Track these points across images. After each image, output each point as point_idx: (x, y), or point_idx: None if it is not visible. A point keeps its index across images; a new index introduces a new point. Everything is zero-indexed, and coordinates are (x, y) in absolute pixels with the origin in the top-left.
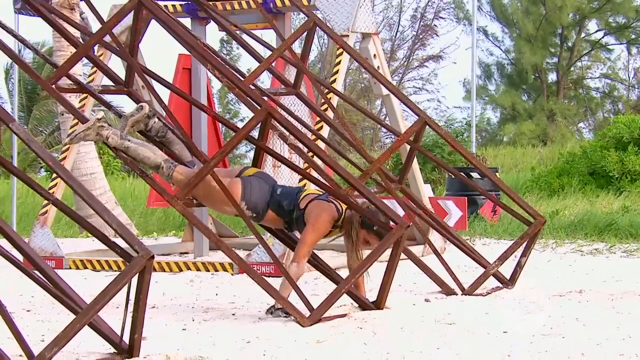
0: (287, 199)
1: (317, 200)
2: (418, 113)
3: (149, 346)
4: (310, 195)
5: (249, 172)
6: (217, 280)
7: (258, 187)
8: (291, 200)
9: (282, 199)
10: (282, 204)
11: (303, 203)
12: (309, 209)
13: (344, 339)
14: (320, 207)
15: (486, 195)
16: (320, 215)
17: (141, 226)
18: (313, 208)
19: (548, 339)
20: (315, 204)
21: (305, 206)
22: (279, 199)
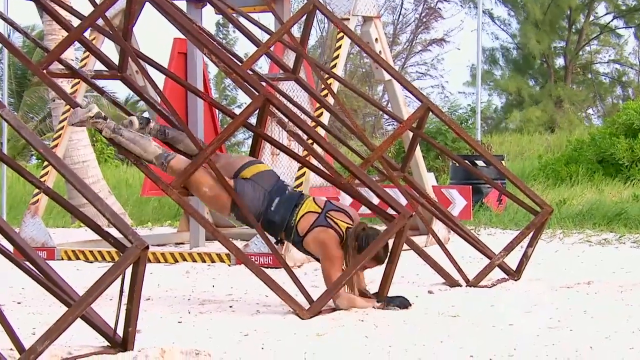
0: (281, 214)
1: (317, 229)
2: (421, 99)
3: (144, 339)
4: (310, 216)
5: (248, 174)
6: (214, 271)
7: (251, 196)
8: (285, 216)
9: (275, 215)
10: (274, 220)
11: (302, 226)
12: (308, 241)
13: (344, 332)
14: (320, 240)
15: (491, 184)
16: (327, 248)
17: (135, 216)
18: (313, 244)
19: (555, 332)
20: (314, 236)
21: (305, 234)
22: (272, 217)
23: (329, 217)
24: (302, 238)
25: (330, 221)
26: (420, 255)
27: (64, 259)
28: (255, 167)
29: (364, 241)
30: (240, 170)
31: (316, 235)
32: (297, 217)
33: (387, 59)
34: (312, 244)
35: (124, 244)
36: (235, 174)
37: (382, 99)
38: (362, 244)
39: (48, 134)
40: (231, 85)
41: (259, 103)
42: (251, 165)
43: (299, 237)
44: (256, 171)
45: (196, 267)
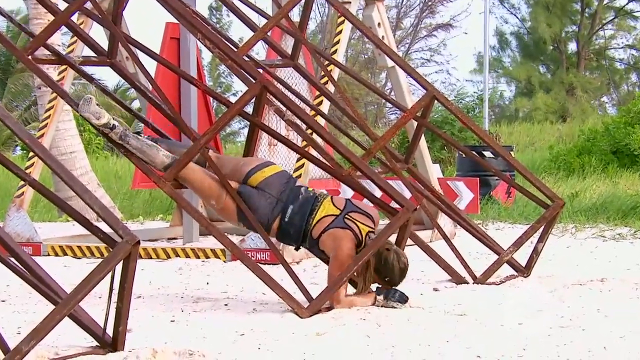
0: (296, 225)
1: (332, 230)
2: (426, 86)
3: (135, 339)
4: (326, 220)
5: (254, 181)
6: (209, 267)
7: (259, 205)
8: (300, 226)
9: (290, 227)
10: (289, 232)
11: (317, 231)
12: (323, 240)
13: (345, 331)
14: (337, 236)
15: (500, 176)
16: (340, 247)
17: (126, 209)
18: (328, 240)
19: (567, 331)
20: (329, 235)
21: (319, 236)
22: (286, 229)
23: (348, 218)
24: (316, 240)
25: (350, 222)
26: (425, 250)
27: (50, 254)
28: (262, 173)
29: (381, 262)
30: (248, 176)
31: (332, 232)
32: (313, 222)
33: (390, 45)
34: (327, 241)
35: (113, 239)
36: (243, 179)
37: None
38: (379, 265)
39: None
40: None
41: (256, 91)
42: (258, 171)
43: (313, 241)
44: (262, 178)
45: (190, 264)
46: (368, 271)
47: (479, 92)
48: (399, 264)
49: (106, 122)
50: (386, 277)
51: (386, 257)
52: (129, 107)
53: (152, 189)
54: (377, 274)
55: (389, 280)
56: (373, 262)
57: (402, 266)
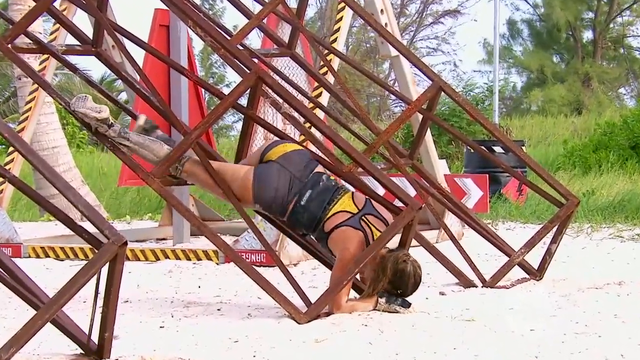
0: (312, 212)
1: (344, 228)
2: (432, 77)
3: (122, 346)
4: (342, 216)
5: (273, 155)
6: (200, 270)
7: (274, 181)
8: (315, 214)
9: (304, 212)
10: (302, 218)
11: (330, 224)
12: (333, 238)
13: (346, 338)
14: (347, 236)
15: (510, 173)
16: (347, 249)
17: (112, 208)
18: (338, 238)
19: (582, 338)
20: (340, 233)
21: (331, 230)
22: (300, 213)
23: (364, 220)
24: (327, 235)
25: (364, 224)
26: (430, 252)
27: (31, 256)
28: (282, 147)
29: (397, 274)
30: (266, 151)
31: (342, 232)
32: (328, 213)
33: (394, 33)
34: (336, 238)
35: (99, 240)
36: (260, 158)
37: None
38: (395, 276)
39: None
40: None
41: (251, 82)
42: (277, 145)
43: (324, 234)
44: (282, 152)
45: (180, 266)
46: (381, 281)
47: (489, 84)
48: (414, 277)
49: (107, 117)
50: (399, 289)
51: (403, 270)
52: (116, 99)
53: (139, 187)
54: (390, 285)
55: (401, 292)
56: (389, 275)
57: (417, 280)
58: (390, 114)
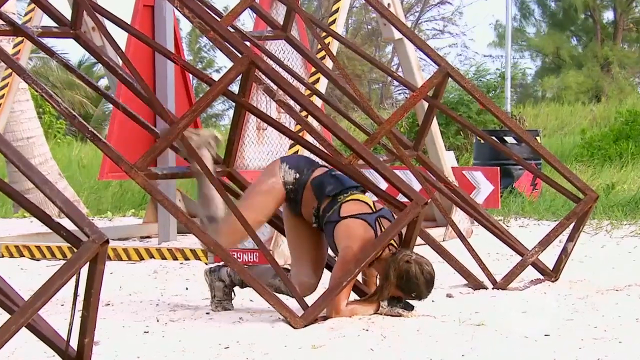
0: (335, 185)
1: (355, 220)
2: (438, 62)
3: (103, 353)
4: (357, 205)
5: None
6: (188, 270)
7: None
8: (337, 189)
9: (331, 181)
10: (326, 185)
11: (345, 210)
12: (341, 228)
13: (345, 344)
14: (356, 230)
15: (524, 165)
16: (351, 247)
17: (92, 203)
18: (346, 231)
19: (601, 344)
20: (349, 225)
21: (345, 217)
22: (326, 180)
23: (379, 222)
24: (339, 219)
25: (378, 226)
26: (437, 251)
27: (4, 255)
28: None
29: (403, 278)
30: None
31: (354, 225)
32: (349, 195)
33: (398, 14)
34: (342, 232)
35: (78, 238)
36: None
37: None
38: (402, 281)
39: None
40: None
41: (242, 67)
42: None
43: (337, 217)
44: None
45: (166, 266)
46: (386, 288)
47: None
48: (423, 276)
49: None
50: (412, 293)
51: (407, 271)
52: (96, 85)
53: (122, 180)
54: (402, 291)
55: (415, 295)
56: (394, 280)
57: (427, 277)
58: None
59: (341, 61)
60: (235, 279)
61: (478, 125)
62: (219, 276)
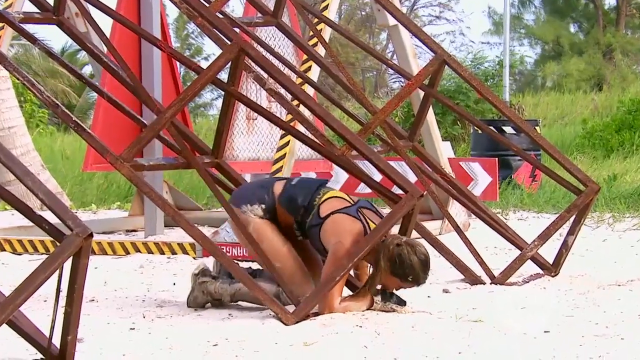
0: (304, 189)
1: (339, 215)
2: (434, 49)
3: (87, 351)
4: (335, 201)
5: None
6: (175, 265)
7: (260, 179)
8: (309, 192)
9: (296, 191)
10: (295, 196)
11: (325, 209)
12: (327, 226)
13: (338, 341)
14: (343, 226)
15: (523, 156)
16: (342, 242)
17: (76, 196)
18: (333, 228)
19: (602, 341)
20: (335, 221)
21: (327, 216)
22: (292, 192)
23: (360, 212)
24: (322, 220)
25: (362, 216)
26: (433, 245)
27: None
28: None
29: (396, 262)
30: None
31: (339, 218)
32: (323, 196)
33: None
34: (329, 229)
35: (61, 231)
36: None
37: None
38: (395, 266)
39: None
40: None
41: (232, 54)
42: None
43: (318, 219)
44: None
45: (153, 260)
46: (376, 276)
47: (500, 57)
48: (417, 257)
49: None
50: (409, 277)
51: (400, 254)
52: (80, 73)
53: (107, 172)
54: (397, 277)
55: (412, 279)
56: (387, 266)
57: (422, 258)
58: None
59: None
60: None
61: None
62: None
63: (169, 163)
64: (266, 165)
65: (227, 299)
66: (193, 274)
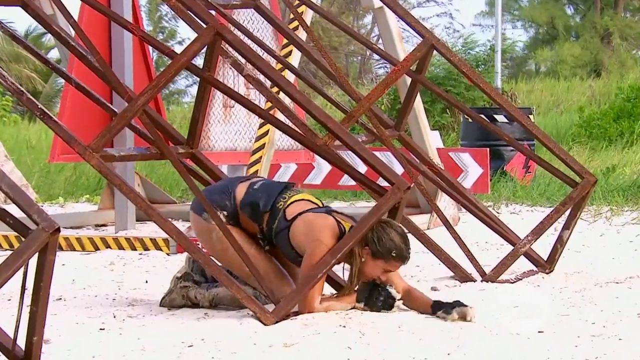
0: (267, 193)
1: (309, 214)
2: (422, 33)
3: (54, 352)
4: (302, 204)
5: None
6: (148, 262)
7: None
8: (272, 196)
9: (259, 195)
10: (257, 201)
11: (291, 212)
12: (297, 227)
13: (320, 342)
14: (315, 225)
15: (515, 146)
16: (319, 240)
17: (42, 188)
18: (304, 228)
19: (599, 341)
20: (306, 221)
21: (294, 218)
22: (254, 197)
23: (330, 213)
24: (289, 223)
25: (333, 216)
26: (421, 240)
27: None
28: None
29: (375, 243)
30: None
31: (310, 218)
32: (288, 199)
33: None
34: (301, 228)
35: (26, 226)
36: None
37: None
38: (375, 247)
39: None
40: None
41: (207, 38)
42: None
43: (285, 222)
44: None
45: (124, 257)
46: (356, 266)
47: (492, 41)
48: (394, 230)
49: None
50: (392, 252)
51: (377, 234)
52: (46, 57)
53: (75, 163)
54: (381, 258)
55: (396, 254)
56: (366, 252)
57: (399, 230)
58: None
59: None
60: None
61: (466, 102)
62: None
63: (141, 153)
64: (244, 156)
65: (206, 304)
66: (175, 277)
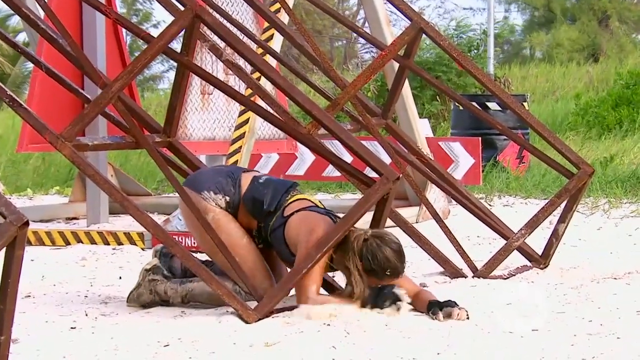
0: (271, 194)
1: (306, 211)
2: (411, 16)
3: (22, 352)
4: (302, 202)
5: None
6: (121, 257)
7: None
8: (278, 192)
9: (264, 192)
10: (261, 199)
11: (292, 207)
12: (293, 222)
13: (303, 341)
14: (311, 220)
15: (509, 135)
16: (314, 232)
17: (9, 180)
18: (300, 223)
19: (596, 340)
20: (302, 217)
21: (291, 215)
22: (258, 193)
23: (329, 215)
24: (285, 219)
25: (331, 217)
26: (409, 234)
27: None
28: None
29: (369, 260)
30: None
31: (306, 215)
32: (291, 198)
33: None
34: (296, 225)
35: None
36: None
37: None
38: (368, 264)
39: None
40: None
41: (185, 22)
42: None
43: (282, 219)
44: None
45: (96, 252)
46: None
47: (484, 25)
48: (389, 247)
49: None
50: (386, 271)
51: (369, 249)
52: (14, 41)
53: (45, 152)
54: (374, 276)
55: (391, 272)
56: (359, 265)
57: (394, 247)
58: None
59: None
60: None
61: (457, 89)
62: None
63: (116, 142)
64: (223, 146)
65: (178, 300)
66: (144, 269)
